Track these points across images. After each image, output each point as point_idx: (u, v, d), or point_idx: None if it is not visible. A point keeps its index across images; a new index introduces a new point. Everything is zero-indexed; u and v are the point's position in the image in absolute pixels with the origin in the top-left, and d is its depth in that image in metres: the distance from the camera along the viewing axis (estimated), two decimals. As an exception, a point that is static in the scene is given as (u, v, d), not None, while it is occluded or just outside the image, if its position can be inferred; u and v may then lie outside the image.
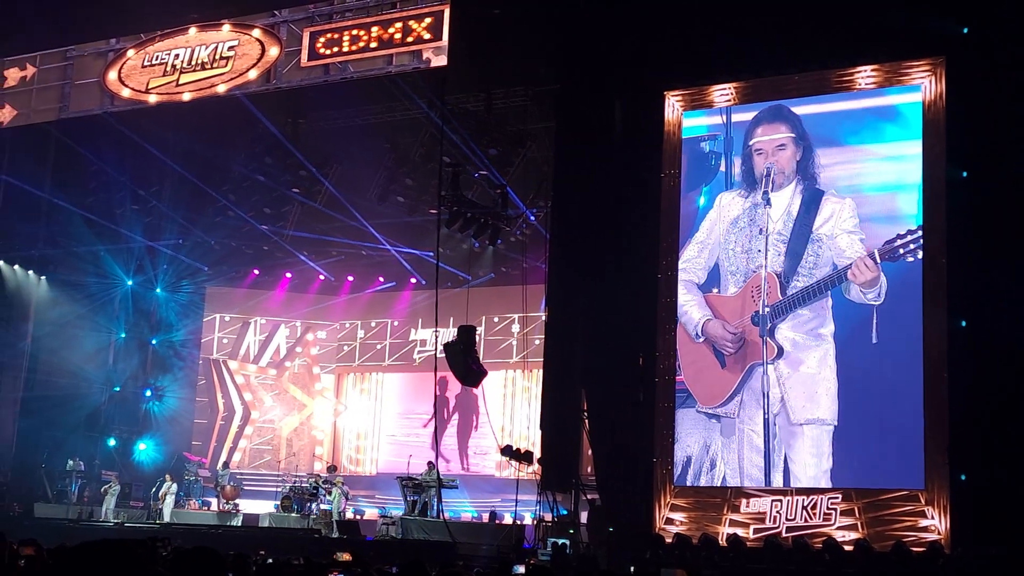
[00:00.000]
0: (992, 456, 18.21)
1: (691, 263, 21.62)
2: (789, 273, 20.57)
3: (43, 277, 29.99)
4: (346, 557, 12.03)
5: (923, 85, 20.13)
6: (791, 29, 20.10)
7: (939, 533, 18.61)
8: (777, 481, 20.10)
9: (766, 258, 20.78)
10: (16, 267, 29.49)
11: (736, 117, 21.66)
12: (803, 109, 21.09)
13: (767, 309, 20.60)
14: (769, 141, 21.23)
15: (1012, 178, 18.69)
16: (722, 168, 21.65)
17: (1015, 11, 19.06)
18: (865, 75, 20.65)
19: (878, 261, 19.82)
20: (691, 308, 21.51)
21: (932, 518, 18.74)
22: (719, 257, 21.35)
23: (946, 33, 19.66)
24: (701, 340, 21.32)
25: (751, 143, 21.36)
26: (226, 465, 29.96)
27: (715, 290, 21.35)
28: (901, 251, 19.74)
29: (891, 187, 20.29)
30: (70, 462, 28.29)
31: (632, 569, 17.23)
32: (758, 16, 20.04)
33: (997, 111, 18.83)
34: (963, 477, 18.57)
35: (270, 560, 13.33)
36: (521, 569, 10.28)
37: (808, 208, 20.65)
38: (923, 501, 18.90)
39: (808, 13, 19.67)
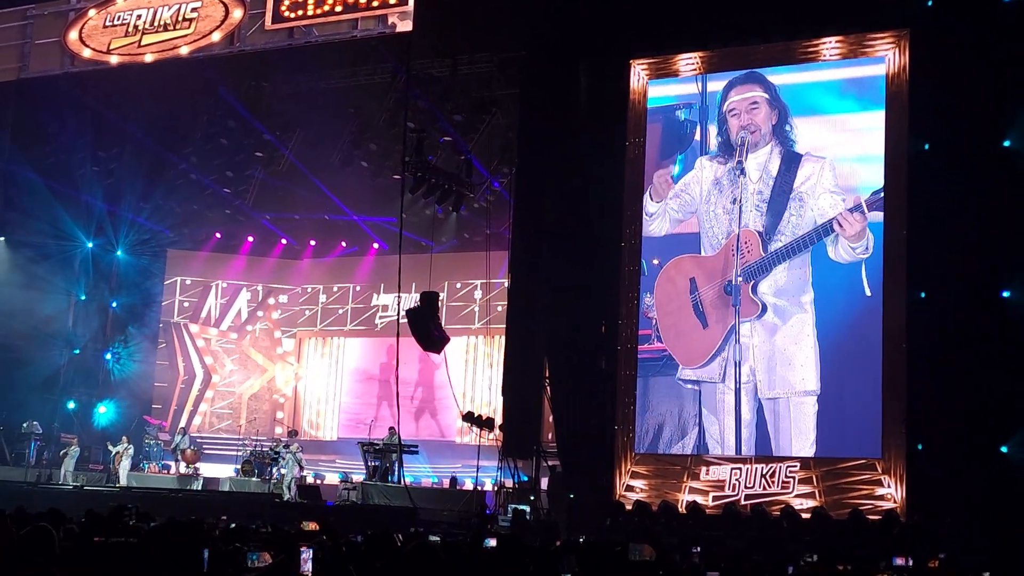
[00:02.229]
0: (948, 427, 18.41)
1: (667, 205, 21.63)
2: (771, 230, 20.64)
3: (1, 238, 29.69)
4: (313, 526, 12.04)
5: (887, 57, 20.22)
6: (757, -1, 20.18)
7: (895, 502, 18.86)
8: (751, 450, 20.23)
9: (743, 216, 20.80)
10: (-26, 229, 29.21)
11: (711, 86, 21.67)
12: (776, 78, 21.16)
13: (748, 266, 20.66)
14: (741, 100, 21.28)
15: (973, 151, 18.82)
16: (697, 137, 21.68)
17: (979, -16, 19.18)
18: (830, 46, 20.73)
19: (865, 212, 19.88)
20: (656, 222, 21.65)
21: (888, 487, 18.97)
22: (699, 216, 21.35)
23: (910, 5, 19.75)
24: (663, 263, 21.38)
25: (725, 107, 21.40)
26: (184, 431, 29.82)
27: (691, 252, 21.42)
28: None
29: (858, 158, 20.38)
30: (24, 424, 28.10)
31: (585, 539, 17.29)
32: (724, -15, 20.15)
33: (960, 84, 18.92)
34: (919, 447, 18.79)
35: (233, 525, 13.34)
36: (493, 542, 10.32)
37: (788, 167, 20.72)
38: (880, 470, 19.14)
39: (774, -17, 19.78)
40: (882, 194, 19.82)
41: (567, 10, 21.69)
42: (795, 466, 19.80)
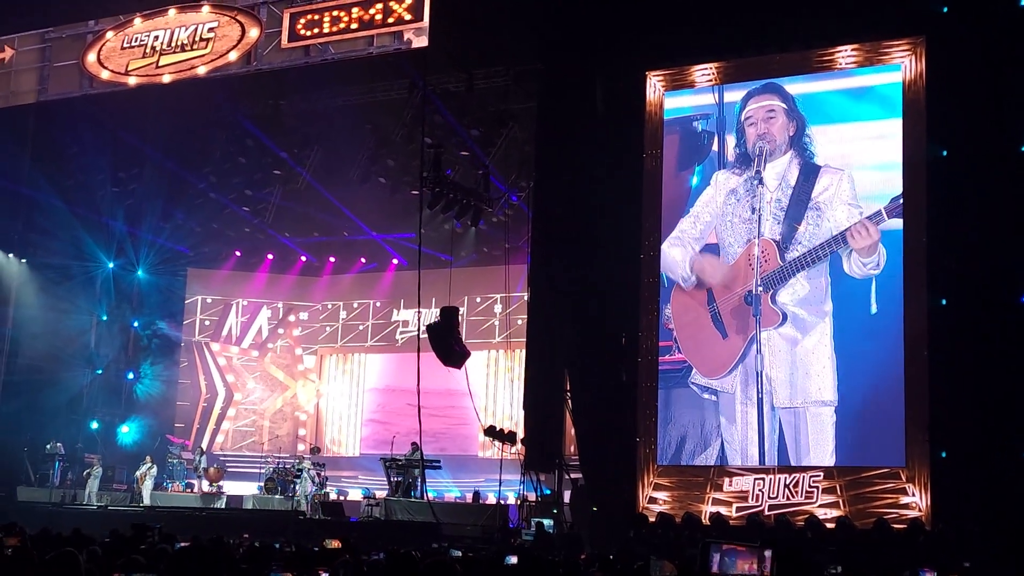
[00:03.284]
0: (972, 434, 18.31)
1: (685, 233, 21.58)
2: (787, 239, 20.58)
3: (23, 260, 29.82)
4: (335, 544, 12.04)
5: (903, 64, 20.17)
6: (772, 8, 20.13)
7: (920, 510, 18.75)
8: (773, 460, 20.16)
9: (761, 225, 20.76)
10: (-4, 251, 29.36)
11: (728, 97, 21.64)
12: (793, 87, 21.10)
13: (766, 275, 20.62)
14: (758, 109, 21.21)
15: (992, 157, 18.75)
16: (714, 147, 21.65)
17: (995, -10, 19.14)
18: (845, 55, 20.69)
19: (885, 217, 19.82)
20: (676, 254, 21.55)
21: (913, 495, 18.87)
22: (716, 229, 21.32)
23: (926, 12, 19.70)
24: (692, 284, 21.30)
25: (742, 116, 21.37)
26: (203, 451, 29.87)
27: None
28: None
29: (877, 166, 20.31)
30: (48, 445, 28.21)
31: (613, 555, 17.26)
32: (738, -5, 20.15)
33: (977, 90, 18.87)
34: (943, 455, 18.69)
35: (256, 543, 13.36)
36: (514, 559, 10.30)
37: (806, 178, 20.65)
38: (904, 478, 19.03)
39: (789, -8, 19.77)
40: (901, 200, 19.75)
41: (583, 23, 21.71)
42: (818, 476, 19.71)
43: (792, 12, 20.10)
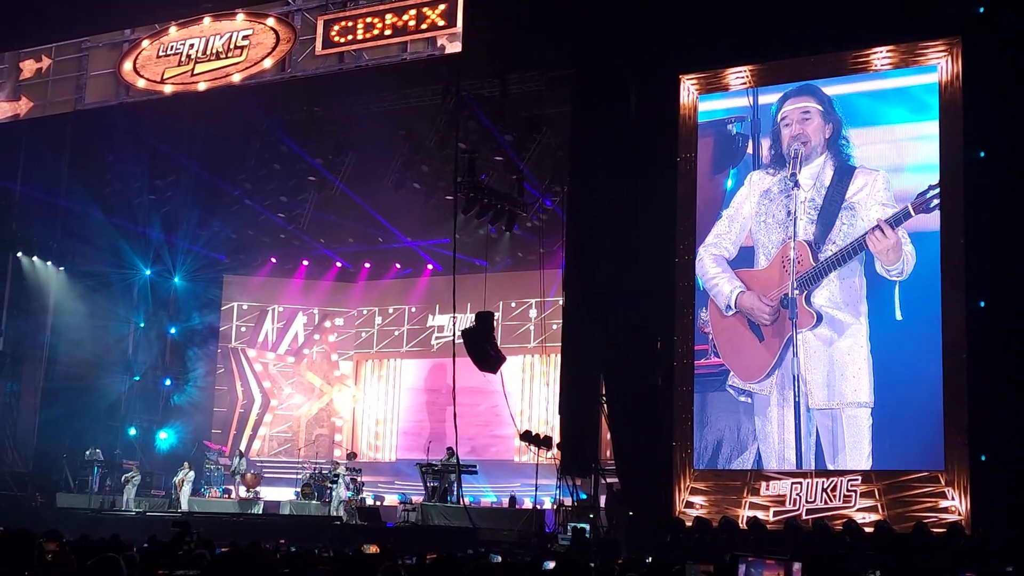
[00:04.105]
0: (1012, 437, 18.17)
1: (721, 238, 21.54)
2: (820, 240, 20.50)
3: (61, 268, 30.05)
4: (374, 549, 12.06)
5: (939, 65, 20.04)
6: (806, 10, 20.05)
7: (959, 514, 18.61)
8: (810, 464, 20.07)
9: (796, 227, 20.69)
10: (35, 259, 29.54)
11: (763, 99, 21.59)
12: (828, 89, 21.01)
13: (800, 276, 20.54)
14: (793, 110, 21.13)
15: (1030, 158, 18.64)
16: (749, 150, 21.58)
17: (1031, -10, 19.00)
18: (881, 56, 20.58)
19: (913, 214, 19.72)
20: (721, 282, 21.43)
21: (952, 499, 18.73)
22: (751, 230, 21.26)
23: (962, 13, 19.58)
24: (732, 313, 21.23)
25: (779, 118, 21.29)
26: (242, 455, 30.07)
27: (745, 266, 21.30)
28: (934, 202, 19.67)
29: (912, 168, 20.19)
30: (88, 452, 28.40)
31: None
32: (772, -2, 20.08)
33: (1014, 90, 18.74)
34: (983, 458, 18.54)
35: (293, 549, 13.39)
36: (551, 565, 10.28)
37: (841, 178, 20.57)
38: (943, 482, 18.90)
39: (823, -6, 19.70)
40: (928, 196, 19.63)
41: (616, 27, 21.68)
42: (856, 480, 19.59)
43: (827, 14, 20.02)
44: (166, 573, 8.38)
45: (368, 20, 22.19)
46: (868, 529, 19.04)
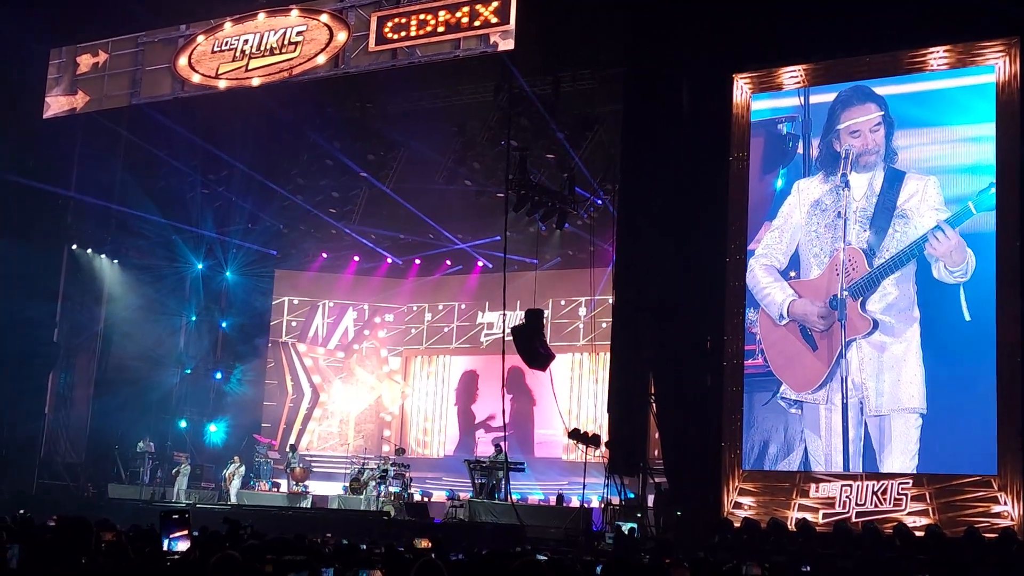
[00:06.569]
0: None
1: (771, 248, 21.45)
2: (874, 247, 20.37)
3: (115, 261, 30.35)
4: (425, 544, 12.09)
5: (997, 66, 19.85)
6: (861, 10, 19.92)
7: (1012, 519, 18.42)
8: (858, 467, 19.92)
9: (847, 234, 20.55)
10: (89, 252, 29.87)
11: (814, 99, 21.45)
12: (881, 89, 20.85)
13: (853, 283, 20.39)
14: (866, 122, 20.90)
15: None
16: (799, 151, 21.46)
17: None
18: (938, 56, 20.40)
19: (974, 212, 19.53)
20: (773, 291, 21.33)
21: (1005, 504, 18.55)
22: (800, 241, 21.16)
23: (1020, 12, 19.35)
24: (785, 322, 21.12)
25: (840, 125, 21.07)
26: (294, 448, 30.25)
27: (793, 273, 21.19)
28: (992, 199, 19.51)
29: (967, 169, 20.01)
30: (140, 444, 28.66)
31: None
32: (828, -4, 19.96)
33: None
34: (1037, 463, 18.37)
35: (345, 541, 13.45)
36: (598, 569, 10.28)
37: (891, 184, 20.42)
38: (996, 487, 18.72)
39: (878, -7, 19.54)
40: (991, 191, 19.44)
41: (669, 25, 21.63)
42: (907, 483, 19.44)
43: (882, 13, 19.85)
44: (274, 557, 8.47)
45: (421, 17, 22.26)
46: (919, 533, 18.88)
